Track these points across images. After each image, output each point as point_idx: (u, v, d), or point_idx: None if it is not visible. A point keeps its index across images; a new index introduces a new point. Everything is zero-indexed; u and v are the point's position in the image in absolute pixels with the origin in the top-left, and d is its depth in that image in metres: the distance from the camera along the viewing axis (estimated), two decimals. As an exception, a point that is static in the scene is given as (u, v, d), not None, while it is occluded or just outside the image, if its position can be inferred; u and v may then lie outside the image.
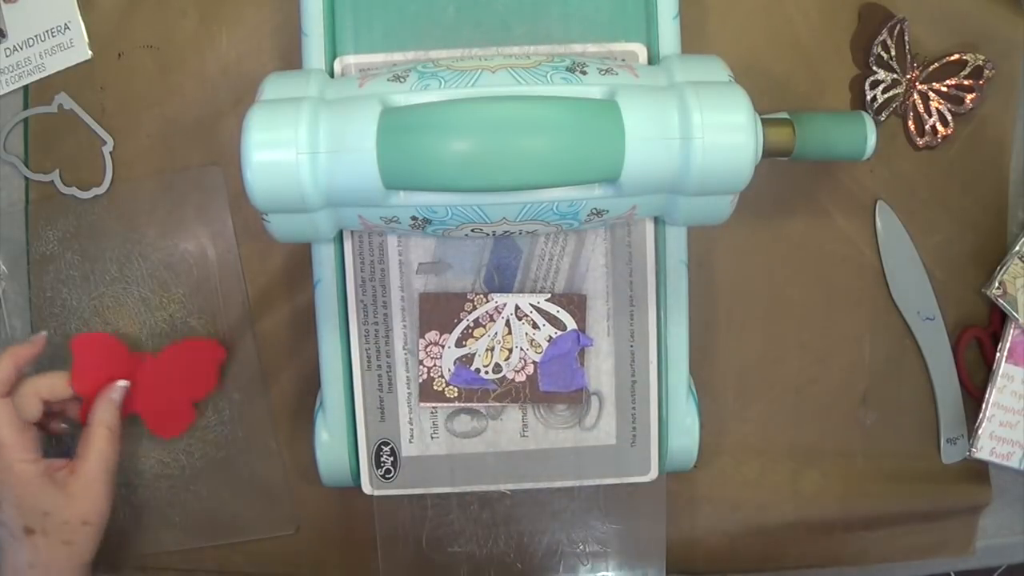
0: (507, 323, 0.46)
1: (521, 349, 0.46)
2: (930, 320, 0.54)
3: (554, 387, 0.46)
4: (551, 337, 0.46)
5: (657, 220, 0.46)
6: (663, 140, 0.38)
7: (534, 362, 0.46)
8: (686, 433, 0.49)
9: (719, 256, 0.53)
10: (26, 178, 0.52)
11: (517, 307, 0.46)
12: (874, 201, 0.53)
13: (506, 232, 0.42)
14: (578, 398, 0.47)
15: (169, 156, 0.52)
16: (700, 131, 0.37)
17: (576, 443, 0.47)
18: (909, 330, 0.55)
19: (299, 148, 0.38)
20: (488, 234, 0.42)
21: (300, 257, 0.52)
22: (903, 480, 0.55)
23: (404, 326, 0.46)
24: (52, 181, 0.52)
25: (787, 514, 0.55)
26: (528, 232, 0.42)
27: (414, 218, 0.40)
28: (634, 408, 0.47)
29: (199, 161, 0.52)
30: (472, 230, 0.41)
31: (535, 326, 0.46)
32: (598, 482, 0.48)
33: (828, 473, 0.55)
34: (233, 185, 0.51)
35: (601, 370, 0.47)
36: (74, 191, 0.52)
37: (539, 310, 0.46)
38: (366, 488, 0.47)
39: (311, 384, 0.50)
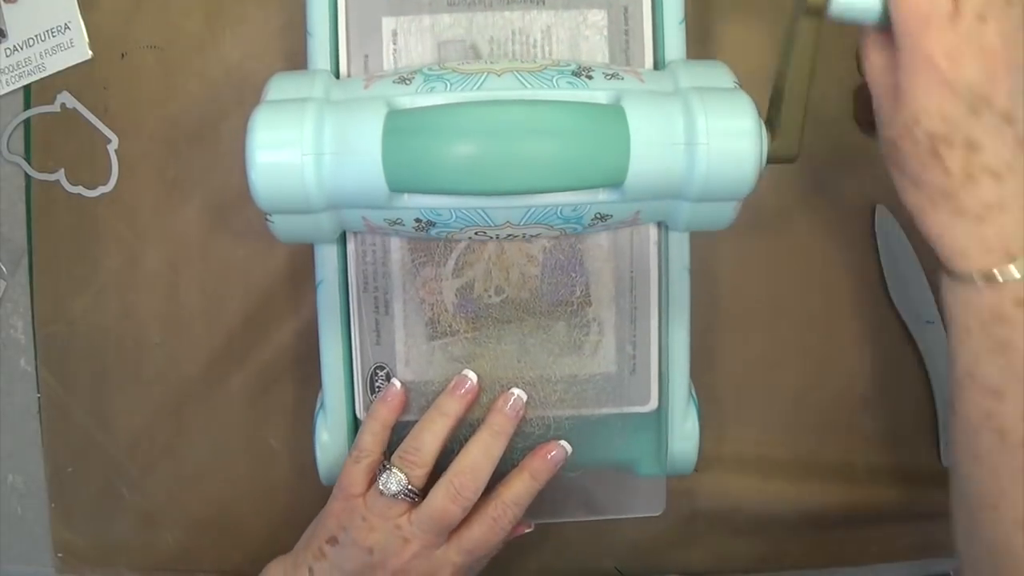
0: (499, 242, 0.45)
1: (518, 265, 0.45)
2: (930, 324, 0.54)
3: (557, 296, 0.46)
4: (545, 247, 0.45)
5: (660, 225, 0.46)
6: (668, 145, 0.38)
7: (534, 275, 0.45)
8: (687, 437, 0.48)
9: (720, 261, 0.54)
10: (27, 177, 0.52)
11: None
12: (874, 206, 0.54)
13: (510, 236, 0.42)
14: (584, 302, 0.46)
15: (172, 156, 0.52)
16: (705, 137, 0.37)
17: (575, 370, 0.47)
18: (909, 334, 0.55)
19: (304, 149, 0.38)
20: (492, 237, 0.42)
21: (303, 257, 0.52)
22: (903, 480, 0.55)
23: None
24: (57, 180, 0.52)
25: (787, 516, 0.55)
26: (532, 236, 0.42)
27: (418, 220, 0.40)
28: (634, 336, 0.47)
29: (202, 162, 0.52)
30: (476, 233, 0.41)
31: (526, 238, 0.45)
32: (596, 412, 0.47)
33: (828, 475, 0.55)
34: (236, 185, 0.51)
35: (602, 301, 0.46)
36: (80, 190, 0.51)
37: None
38: (359, 412, 0.47)
39: (311, 384, 0.50)
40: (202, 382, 0.53)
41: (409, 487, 0.43)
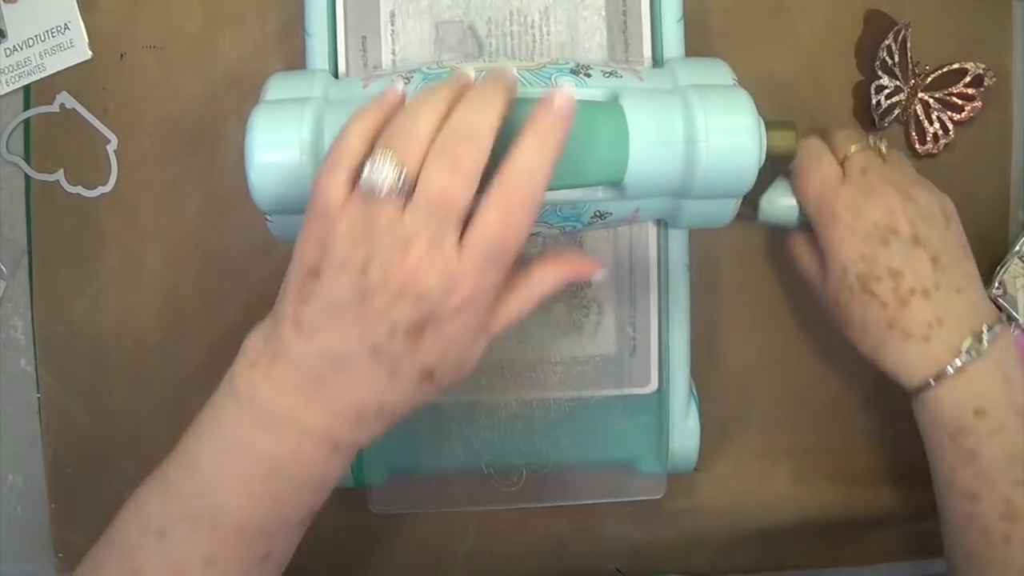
0: None
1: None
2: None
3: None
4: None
5: (660, 223, 0.46)
6: (667, 143, 0.38)
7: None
8: (687, 435, 0.49)
9: (720, 259, 0.53)
10: (27, 178, 0.52)
11: None
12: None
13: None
14: (584, 283, 0.46)
15: (172, 157, 0.52)
16: (704, 134, 0.38)
17: (575, 352, 0.47)
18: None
19: (303, 149, 0.38)
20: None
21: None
22: (903, 481, 0.55)
23: None
24: (57, 180, 0.52)
25: (788, 515, 0.55)
26: (531, 235, 0.42)
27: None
28: (634, 317, 0.47)
29: (201, 162, 0.52)
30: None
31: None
32: (597, 393, 0.47)
33: (829, 475, 0.55)
34: (236, 185, 0.51)
35: (601, 282, 0.46)
36: (79, 190, 0.51)
37: None
38: None
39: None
40: (202, 382, 0.53)
41: (404, 175, 0.33)
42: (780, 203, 0.47)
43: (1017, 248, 0.53)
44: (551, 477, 0.46)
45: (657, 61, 0.45)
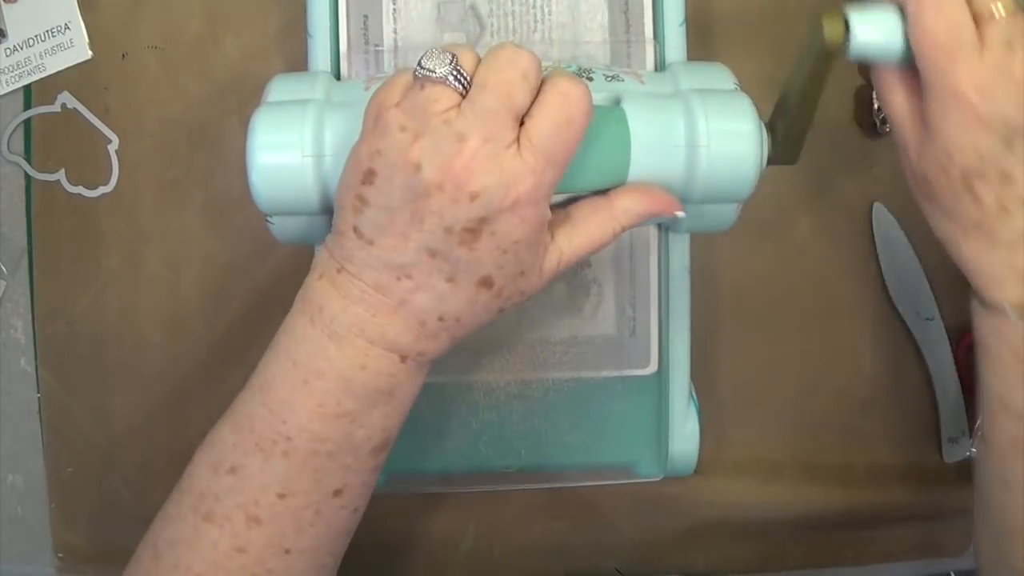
0: None
1: None
2: (930, 320, 0.55)
3: None
4: None
5: (660, 227, 0.46)
6: (669, 147, 0.38)
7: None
8: (687, 439, 0.49)
9: (720, 263, 0.54)
10: (28, 177, 0.52)
11: None
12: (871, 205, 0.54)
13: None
14: (584, 263, 0.46)
15: (173, 157, 0.52)
16: (706, 139, 0.38)
17: (574, 332, 0.46)
18: (910, 334, 0.55)
19: (304, 151, 0.38)
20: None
21: (303, 258, 0.51)
22: (903, 480, 0.56)
23: None
24: (58, 180, 0.52)
25: (788, 516, 0.55)
26: None
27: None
28: (634, 298, 0.47)
29: (202, 162, 0.52)
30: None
31: None
32: (596, 374, 0.47)
33: (829, 476, 0.55)
34: (237, 187, 0.51)
35: (601, 262, 0.46)
36: (80, 190, 0.51)
37: None
38: None
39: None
40: (202, 382, 0.53)
41: (458, 67, 0.33)
42: (885, 39, 0.37)
43: None
44: (550, 458, 0.46)
45: (659, 65, 0.45)
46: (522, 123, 0.34)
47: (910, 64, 0.37)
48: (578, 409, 0.47)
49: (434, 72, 0.33)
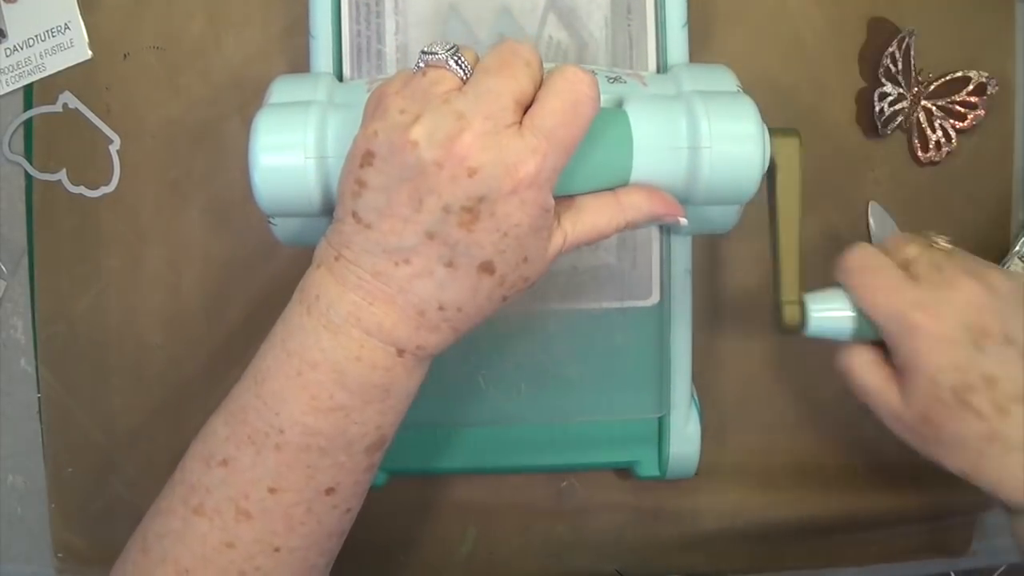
0: None
1: None
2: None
3: None
4: None
5: (662, 228, 0.46)
6: (671, 149, 0.38)
7: None
8: (688, 440, 0.49)
9: (722, 264, 0.54)
10: (29, 177, 0.52)
11: None
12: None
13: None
14: None
15: (174, 158, 0.52)
16: (708, 141, 0.37)
17: (574, 262, 0.46)
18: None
19: (307, 152, 0.38)
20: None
21: (305, 260, 0.51)
22: (904, 482, 0.56)
23: None
24: (59, 180, 0.52)
25: (788, 517, 0.55)
26: None
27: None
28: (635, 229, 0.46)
29: (204, 163, 0.52)
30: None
31: None
32: (598, 305, 0.46)
33: (829, 478, 0.55)
34: (239, 187, 0.51)
35: None
36: (82, 190, 0.51)
37: None
38: None
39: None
40: (202, 383, 0.53)
41: (460, 54, 0.34)
42: (836, 315, 0.42)
43: (1017, 248, 0.53)
44: (551, 395, 0.45)
45: (661, 67, 0.45)
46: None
47: (864, 336, 0.41)
48: (579, 342, 0.46)
49: (436, 54, 0.33)
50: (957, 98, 0.52)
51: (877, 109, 0.52)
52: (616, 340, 0.47)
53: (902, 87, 0.52)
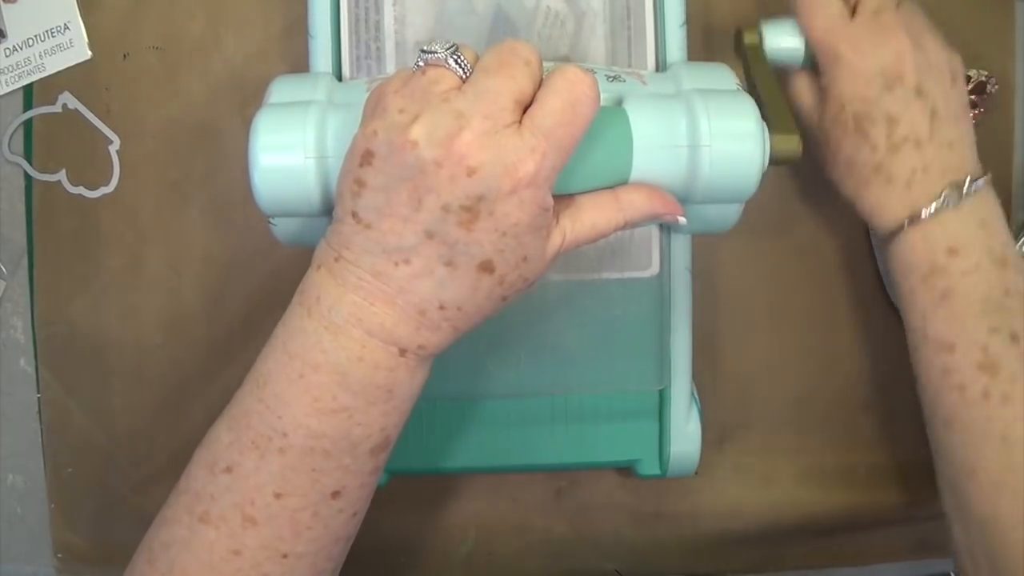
0: None
1: None
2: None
3: None
4: None
5: (662, 227, 0.46)
6: (671, 148, 0.38)
7: None
8: (688, 439, 0.49)
9: (722, 263, 0.54)
10: (28, 178, 0.52)
11: None
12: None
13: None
14: None
15: (174, 158, 0.52)
16: (708, 139, 0.37)
17: None
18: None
19: (307, 152, 0.38)
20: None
21: (305, 260, 0.51)
22: (904, 481, 0.56)
23: None
24: (59, 181, 0.52)
25: (788, 517, 0.55)
26: None
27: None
28: None
29: (203, 163, 0.52)
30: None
31: None
32: (597, 276, 0.46)
33: (829, 477, 0.55)
34: (239, 188, 0.51)
35: None
36: (81, 190, 0.51)
37: None
38: None
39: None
40: (202, 383, 0.53)
41: (459, 53, 0.34)
42: (785, 43, 0.45)
43: (1017, 247, 0.53)
44: (551, 366, 0.45)
45: (660, 66, 0.45)
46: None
47: (811, 65, 0.45)
48: (579, 313, 0.46)
49: (435, 53, 0.33)
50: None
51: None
52: (616, 311, 0.47)
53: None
